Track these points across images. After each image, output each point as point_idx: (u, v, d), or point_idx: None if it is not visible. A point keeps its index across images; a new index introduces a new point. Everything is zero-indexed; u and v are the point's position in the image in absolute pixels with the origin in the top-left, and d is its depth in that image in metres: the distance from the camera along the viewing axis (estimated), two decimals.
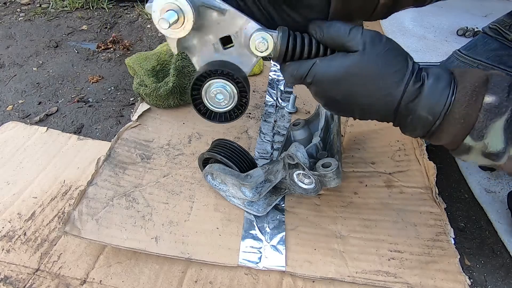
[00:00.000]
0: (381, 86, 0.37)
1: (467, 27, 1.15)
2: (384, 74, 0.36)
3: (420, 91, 0.36)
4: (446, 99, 0.36)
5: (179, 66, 0.79)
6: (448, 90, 0.36)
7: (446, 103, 0.36)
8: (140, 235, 0.55)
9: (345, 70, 0.37)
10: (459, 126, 0.36)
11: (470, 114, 0.35)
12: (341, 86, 0.38)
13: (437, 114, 0.36)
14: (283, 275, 0.53)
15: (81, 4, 1.23)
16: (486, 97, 0.34)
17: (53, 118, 0.81)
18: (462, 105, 0.35)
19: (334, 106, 0.40)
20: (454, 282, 0.51)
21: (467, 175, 0.71)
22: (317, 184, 0.54)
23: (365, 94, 0.37)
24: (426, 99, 0.36)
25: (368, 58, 0.36)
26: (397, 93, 0.37)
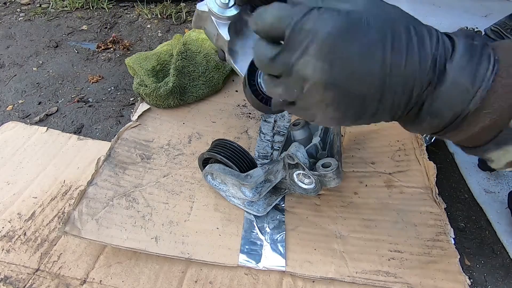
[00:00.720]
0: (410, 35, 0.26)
1: (467, 27, 1.14)
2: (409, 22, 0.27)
3: (452, 50, 0.27)
4: (489, 59, 0.26)
5: (179, 66, 0.79)
6: (488, 49, 0.27)
7: (491, 64, 0.26)
8: (140, 235, 0.55)
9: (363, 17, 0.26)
10: (509, 96, 0.25)
11: None
12: (359, 34, 0.26)
13: (480, 80, 0.26)
14: (283, 275, 0.53)
15: (81, 4, 1.23)
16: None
17: (53, 118, 0.81)
18: (510, 68, 0.26)
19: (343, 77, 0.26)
20: (454, 282, 0.51)
21: (466, 176, 0.71)
22: (317, 184, 0.54)
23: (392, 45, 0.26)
24: (462, 59, 0.26)
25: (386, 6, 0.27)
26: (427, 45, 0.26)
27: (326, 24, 0.25)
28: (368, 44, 0.26)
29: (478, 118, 0.27)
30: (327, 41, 0.25)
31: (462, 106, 0.27)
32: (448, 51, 0.27)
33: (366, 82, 0.27)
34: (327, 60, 0.26)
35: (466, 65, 0.26)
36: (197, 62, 0.82)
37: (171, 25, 1.17)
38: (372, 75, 0.26)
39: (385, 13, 0.27)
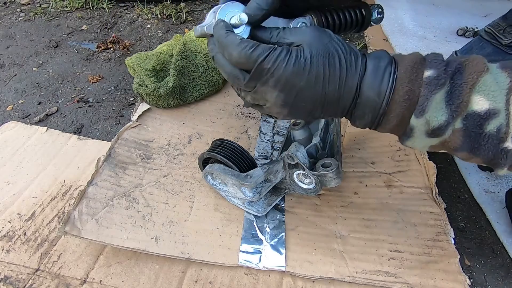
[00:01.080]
0: (343, 66, 0.36)
1: (467, 27, 1.14)
2: (345, 53, 0.37)
3: (365, 71, 0.37)
4: (390, 77, 0.36)
5: (179, 66, 0.79)
6: (390, 68, 0.36)
7: (390, 80, 0.36)
8: (140, 235, 0.55)
9: (309, 56, 0.36)
10: (404, 104, 0.36)
11: (413, 90, 0.35)
12: (306, 74, 0.36)
13: (383, 94, 0.36)
14: (283, 275, 0.53)
15: (81, 4, 1.23)
16: (425, 72, 0.35)
17: (53, 118, 0.81)
18: (405, 81, 0.35)
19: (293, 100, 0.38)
20: (454, 282, 0.51)
21: (466, 176, 0.71)
22: (317, 184, 0.54)
23: (329, 78, 0.37)
24: (370, 78, 0.36)
25: (326, 42, 0.37)
26: (356, 75, 0.37)
27: (280, 65, 0.36)
28: (311, 79, 0.36)
29: (388, 119, 0.37)
30: (281, 78, 0.36)
31: (374, 112, 0.38)
32: None
33: (311, 103, 0.38)
34: (281, 90, 0.37)
35: (372, 84, 0.36)
36: (197, 62, 0.82)
37: (171, 25, 1.17)
38: (315, 99, 0.38)
39: (324, 48, 0.37)
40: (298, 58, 0.36)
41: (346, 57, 0.37)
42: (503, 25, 0.70)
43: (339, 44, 0.37)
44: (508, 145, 0.34)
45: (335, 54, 0.37)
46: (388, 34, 1.11)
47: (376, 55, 0.38)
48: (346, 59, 0.37)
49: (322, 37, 0.37)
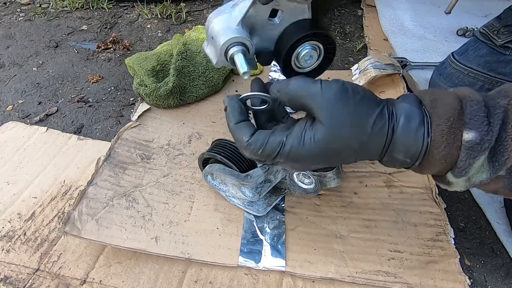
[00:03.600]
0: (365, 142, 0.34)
1: (467, 27, 1.15)
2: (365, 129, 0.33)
3: (393, 133, 0.33)
4: (423, 141, 0.33)
5: (179, 66, 0.79)
6: (423, 130, 0.33)
7: (423, 145, 0.33)
8: (140, 235, 0.55)
9: (323, 142, 0.34)
10: (440, 165, 0.33)
11: (450, 154, 0.32)
12: (322, 157, 0.35)
13: (415, 157, 0.34)
14: (283, 275, 0.53)
15: (81, 4, 1.23)
16: (465, 134, 0.31)
17: (53, 118, 0.81)
18: (441, 146, 0.32)
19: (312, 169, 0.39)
20: (454, 282, 0.51)
21: None
22: (317, 184, 0.54)
23: (349, 154, 0.35)
24: (400, 142, 0.33)
25: (341, 119, 0.33)
26: (382, 142, 0.34)
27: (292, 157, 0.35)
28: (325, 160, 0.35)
29: (422, 172, 0.36)
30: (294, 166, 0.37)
31: (405, 166, 0.36)
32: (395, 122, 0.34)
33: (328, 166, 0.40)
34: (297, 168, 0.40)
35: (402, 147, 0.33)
36: (197, 62, 0.82)
37: (171, 25, 1.17)
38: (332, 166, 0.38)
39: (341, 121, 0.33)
40: (311, 147, 0.34)
41: (368, 126, 0.33)
42: (498, 26, 0.70)
43: (361, 108, 0.33)
44: None
45: (355, 127, 0.33)
46: (388, 34, 1.11)
47: (405, 110, 0.33)
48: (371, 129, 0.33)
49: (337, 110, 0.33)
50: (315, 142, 0.34)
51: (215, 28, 0.41)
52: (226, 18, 0.41)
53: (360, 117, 0.33)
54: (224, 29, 0.40)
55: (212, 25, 0.42)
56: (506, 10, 0.72)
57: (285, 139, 0.35)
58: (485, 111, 0.31)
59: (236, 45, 0.40)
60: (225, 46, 0.40)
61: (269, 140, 0.35)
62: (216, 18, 0.42)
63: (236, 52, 0.40)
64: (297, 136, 0.35)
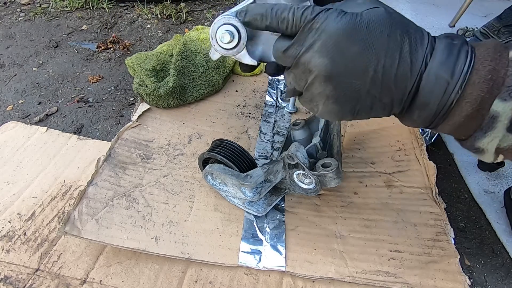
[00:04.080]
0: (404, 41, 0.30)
1: (467, 27, 1.14)
2: (407, 29, 0.31)
3: (433, 49, 0.30)
4: (467, 55, 0.29)
5: (179, 66, 0.79)
6: (467, 47, 0.30)
7: (468, 59, 0.29)
8: (140, 235, 0.55)
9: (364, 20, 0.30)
10: (486, 86, 0.28)
11: (497, 70, 0.28)
12: (359, 37, 0.30)
13: (459, 72, 0.29)
14: (283, 275, 0.53)
15: (81, 4, 1.23)
16: (511, 52, 0.29)
17: (53, 118, 0.81)
18: (487, 59, 0.29)
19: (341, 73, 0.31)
20: (454, 282, 0.51)
21: (466, 176, 0.72)
22: (317, 184, 0.54)
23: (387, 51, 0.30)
24: (443, 55, 0.30)
25: (387, 11, 0.31)
26: (421, 51, 0.30)
27: (330, 25, 0.30)
28: (364, 47, 0.30)
29: (461, 107, 0.30)
30: (330, 40, 0.30)
31: (445, 97, 0.30)
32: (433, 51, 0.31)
33: (360, 79, 0.31)
34: (328, 57, 0.30)
35: (445, 61, 0.30)
36: (197, 62, 0.82)
37: (171, 25, 1.17)
38: (366, 73, 0.30)
39: (383, 15, 0.30)
40: (352, 19, 0.30)
41: (410, 30, 0.31)
42: (498, 25, 0.70)
43: (401, 17, 0.31)
44: None
45: (398, 23, 0.30)
46: None
47: (447, 35, 0.32)
48: (411, 32, 0.31)
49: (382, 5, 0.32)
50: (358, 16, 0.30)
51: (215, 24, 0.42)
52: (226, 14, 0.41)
53: (401, 16, 0.31)
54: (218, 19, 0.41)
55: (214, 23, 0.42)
56: (506, 10, 0.72)
57: (329, 7, 0.32)
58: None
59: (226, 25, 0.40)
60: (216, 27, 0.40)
61: (315, 6, 0.32)
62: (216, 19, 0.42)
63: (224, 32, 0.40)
64: (341, 10, 0.31)
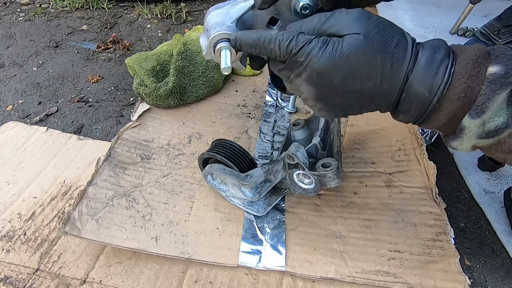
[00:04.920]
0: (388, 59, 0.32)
1: (467, 27, 1.15)
2: (390, 45, 0.33)
3: (415, 63, 0.33)
4: (445, 71, 0.32)
5: (179, 66, 0.79)
6: (447, 61, 0.32)
7: (445, 76, 0.32)
8: (140, 235, 0.55)
9: (347, 48, 0.32)
10: (459, 102, 0.31)
11: (472, 88, 0.31)
12: (342, 68, 0.33)
13: (435, 89, 0.32)
14: (283, 275, 0.53)
15: (81, 4, 1.23)
16: (490, 68, 0.30)
17: (53, 118, 0.81)
18: (463, 77, 0.31)
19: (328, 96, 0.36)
20: (454, 282, 0.51)
21: (466, 176, 0.72)
22: (317, 184, 0.54)
23: (370, 73, 0.33)
24: (422, 72, 0.32)
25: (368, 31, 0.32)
26: (405, 65, 0.33)
27: (313, 60, 0.33)
28: (346, 75, 0.33)
29: (438, 116, 0.33)
30: (314, 73, 0.34)
31: (422, 108, 0.34)
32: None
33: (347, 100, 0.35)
34: (314, 86, 0.35)
35: (424, 78, 0.32)
36: (197, 62, 0.82)
37: (171, 25, 1.17)
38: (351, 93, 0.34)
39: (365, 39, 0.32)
40: (333, 53, 0.33)
41: (392, 49, 0.33)
42: (498, 26, 0.70)
43: (385, 32, 0.33)
44: None
45: (378, 46, 0.32)
46: None
47: (432, 44, 0.34)
48: (393, 51, 0.33)
49: (363, 24, 0.33)
50: (338, 46, 0.33)
51: (211, 21, 0.42)
52: (223, 13, 0.41)
53: (385, 33, 0.33)
54: (218, 23, 0.41)
55: (209, 18, 0.42)
56: (506, 10, 0.72)
57: (313, 38, 0.34)
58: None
59: (226, 41, 0.40)
60: (215, 40, 0.41)
61: (299, 35, 0.35)
62: (214, 11, 0.42)
63: (223, 47, 0.40)
64: (323, 40, 0.34)
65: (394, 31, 0.33)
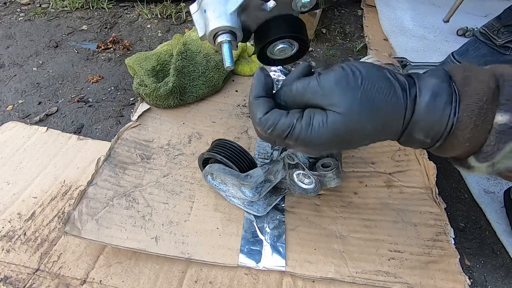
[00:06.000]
0: (379, 123, 0.31)
1: (467, 27, 1.15)
2: (376, 108, 0.31)
3: (414, 110, 0.31)
4: (448, 121, 0.30)
5: (179, 66, 0.79)
6: (449, 109, 0.30)
7: (448, 125, 0.30)
8: (140, 235, 0.55)
9: (333, 127, 0.32)
10: (464, 149, 0.30)
11: (477, 137, 0.29)
12: (334, 142, 0.33)
13: (437, 137, 0.31)
14: (283, 275, 0.53)
15: (81, 4, 1.23)
16: (498, 116, 0.28)
17: (53, 118, 0.81)
18: (468, 127, 0.29)
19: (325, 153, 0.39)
20: (454, 282, 0.51)
21: (466, 176, 0.72)
22: (317, 184, 0.54)
23: (363, 137, 0.33)
24: (423, 121, 0.30)
25: (348, 102, 0.31)
26: (399, 121, 0.31)
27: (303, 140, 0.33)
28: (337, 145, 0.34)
29: (444, 154, 0.33)
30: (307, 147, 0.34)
31: (426, 147, 0.33)
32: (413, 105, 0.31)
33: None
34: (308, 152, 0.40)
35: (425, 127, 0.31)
36: (197, 62, 0.82)
37: (171, 25, 1.17)
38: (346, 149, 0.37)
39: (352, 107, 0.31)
40: (321, 131, 0.32)
41: (382, 110, 0.31)
42: (498, 25, 0.70)
43: (369, 94, 0.31)
44: None
45: (364, 115, 0.31)
46: (388, 34, 1.11)
47: (432, 86, 0.31)
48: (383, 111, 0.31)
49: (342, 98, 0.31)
50: (323, 127, 0.32)
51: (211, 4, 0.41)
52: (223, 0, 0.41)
53: (367, 96, 0.31)
54: (219, 12, 0.41)
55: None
56: (506, 10, 0.72)
57: (295, 122, 0.33)
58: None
59: (226, 33, 0.40)
60: (215, 31, 0.41)
61: (280, 121, 0.34)
62: None
63: (224, 41, 0.40)
64: (306, 121, 0.33)
65: (379, 88, 0.31)
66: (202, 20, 0.43)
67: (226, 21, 0.40)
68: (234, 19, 0.41)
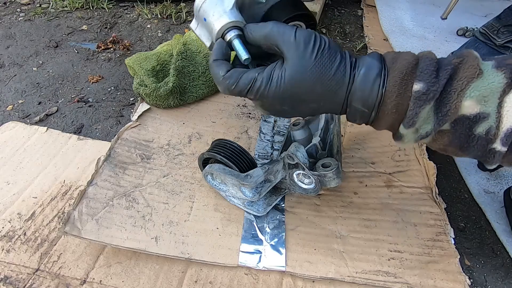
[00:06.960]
0: (327, 87, 0.37)
1: (467, 27, 1.15)
2: (327, 74, 0.36)
3: (353, 82, 0.37)
4: (378, 91, 0.36)
5: (179, 66, 0.79)
6: (379, 81, 0.36)
7: (378, 95, 0.36)
8: (140, 235, 0.55)
9: (289, 82, 0.37)
10: (393, 116, 0.36)
11: (401, 104, 0.35)
12: (288, 98, 0.38)
13: (371, 107, 0.37)
14: (283, 275, 0.53)
15: (81, 4, 1.23)
16: (414, 85, 0.34)
17: (53, 118, 0.81)
18: (393, 95, 0.35)
19: (281, 114, 0.41)
20: (454, 282, 0.51)
21: (466, 176, 0.72)
22: (317, 184, 0.54)
23: (312, 98, 0.38)
24: (359, 91, 0.36)
25: (307, 62, 0.36)
26: (343, 89, 0.37)
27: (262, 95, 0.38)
28: (292, 102, 0.38)
29: (379, 124, 0.39)
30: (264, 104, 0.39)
31: (364, 119, 0.39)
32: None
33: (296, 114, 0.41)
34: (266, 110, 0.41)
35: (360, 97, 0.37)
36: (197, 62, 0.82)
37: (171, 25, 1.17)
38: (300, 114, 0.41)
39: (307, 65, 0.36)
40: (278, 88, 0.37)
41: (331, 76, 0.36)
42: (497, 25, 0.70)
43: (323, 59, 0.36)
44: (496, 146, 0.34)
45: (317, 75, 0.36)
46: (388, 34, 1.11)
47: (367, 63, 0.37)
48: (332, 78, 0.36)
49: (303, 54, 0.36)
50: (281, 81, 0.37)
51: (208, 9, 0.41)
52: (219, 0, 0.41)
53: (323, 63, 0.36)
54: (219, 12, 0.40)
55: (204, 6, 0.42)
56: (506, 10, 0.72)
57: (256, 75, 0.38)
58: (436, 66, 0.34)
59: (232, 30, 0.40)
60: (222, 31, 0.41)
61: (242, 76, 0.38)
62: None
63: (234, 37, 0.40)
64: (267, 74, 0.38)
65: (332, 57, 0.37)
66: (205, 30, 0.43)
67: (228, 18, 0.40)
68: (235, 14, 0.41)
